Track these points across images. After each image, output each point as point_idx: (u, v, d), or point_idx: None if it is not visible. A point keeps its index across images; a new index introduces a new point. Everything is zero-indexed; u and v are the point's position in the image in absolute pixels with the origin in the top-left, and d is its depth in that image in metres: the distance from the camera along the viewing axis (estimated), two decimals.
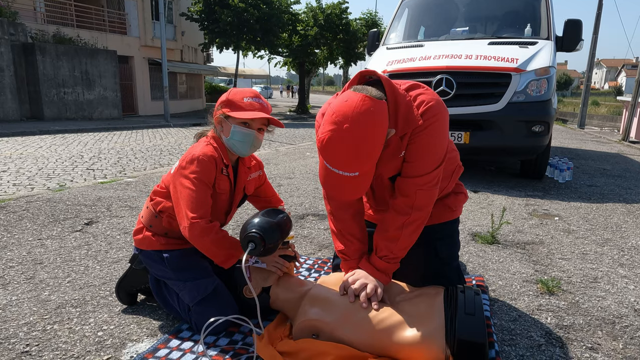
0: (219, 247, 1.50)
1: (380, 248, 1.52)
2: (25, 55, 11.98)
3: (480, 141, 4.11)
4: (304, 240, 2.66)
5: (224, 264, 1.53)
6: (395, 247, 1.50)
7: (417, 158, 1.42)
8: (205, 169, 1.50)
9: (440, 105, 1.41)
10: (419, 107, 1.38)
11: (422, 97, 1.39)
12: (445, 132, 1.45)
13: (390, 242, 1.49)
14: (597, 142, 9.78)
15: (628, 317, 1.78)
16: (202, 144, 1.58)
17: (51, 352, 1.44)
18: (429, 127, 1.38)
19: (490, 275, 2.18)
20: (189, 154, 1.53)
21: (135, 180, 4.31)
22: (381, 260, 1.50)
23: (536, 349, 1.53)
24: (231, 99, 1.57)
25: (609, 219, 3.27)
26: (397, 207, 1.48)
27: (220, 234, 1.51)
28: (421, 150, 1.41)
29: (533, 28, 4.74)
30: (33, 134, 9.10)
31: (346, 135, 1.20)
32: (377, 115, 1.23)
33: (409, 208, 1.46)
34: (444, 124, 1.42)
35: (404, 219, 1.46)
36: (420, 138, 1.39)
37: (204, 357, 1.39)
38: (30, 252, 2.34)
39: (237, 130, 1.56)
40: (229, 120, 1.57)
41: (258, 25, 17.40)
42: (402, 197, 1.47)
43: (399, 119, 1.37)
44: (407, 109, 1.38)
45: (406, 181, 1.45)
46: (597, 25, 13.92)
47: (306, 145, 7.92)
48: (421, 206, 1.46)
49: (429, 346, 1.28)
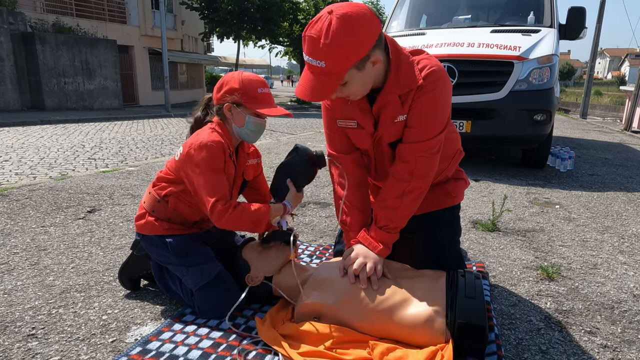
0: (241, 220, 1.48)
1: (380, 218, 1.50)
2: (25, 44, 11.92)
3: (482, 130, 4.10)
4: (305, 228, 2.67)
5: (254, 231, 1.55)
6: (395, 216, 1.48)
7: (420, 123, 1.41)
8: (215, 154, 1.49)
9: (444, 72, 1.40)
10: (422, 70, 1.37)
11: (425, 62, 1.39)
12: (448, 100, 1.44)
13: (390, 210, 1.48)
14: (600, 132, 9.75)
15: (627, 302, 1.80)
16: (207, 131, 1.56)
17: (57, 335, 1.46)
18: (432, 90, 1.37)
19: (491, 261, 2.19)
20: (196, 141, 1.51)
21: (137, 169, 4.33)
22: (381, 230, 1.49)
23: (535, 333, 1.55)
24: (245, 89, 1.54)
25: (610, 207, 3.28)
26: (396, 174, 1.47)
27: (237, 208, 1.48)
28: (424, 114, 1.40)
29: (536, 16, 4.70)
30: (34, 124, 9.10)
31: (326, 19, 1.21)
32: (366, 19, 1.23)
33: (409, 175, 1.44)
34: (447, 90, 1.41)
35: (404, 187, 1.45)
36: (423, 102, 1.39)
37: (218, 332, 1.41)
38: (34, 239, 2.36)
39: (252, 121, 1.56)
40: (241, 110, 1.55)
41: (259, 14, 17.30)
42: (402, 164, 1.45)
43: (400, 76, 1.36)
44: (408, 68, 1.37)
45: (407, 147, 1.44)
46: (601, 14, 13.77)
47: (307, 135, 7.91)
48: (421, 174, 1.45)
49: (429, 328, 1.29)
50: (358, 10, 1.23)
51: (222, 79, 1.60)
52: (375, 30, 1.26)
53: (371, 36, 1.25)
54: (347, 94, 1.37)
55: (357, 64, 1.26)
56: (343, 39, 1.19)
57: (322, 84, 1.28)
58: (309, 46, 1.25)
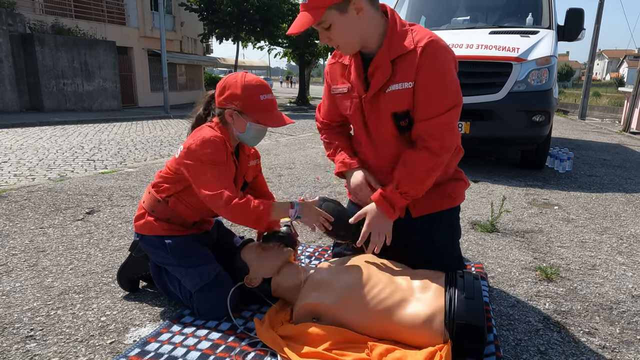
0: (247, 211, 1.45)
1: (403, 185, 1.50)
2: (24, 46, 11.91)
3: (481, 131, 4.11)
4: (304, 229, 2.67)
5: (255, 226, 1.51)
6: (420, 188, 1.52)
7: (432, 94, 1.44)
8: (217, 148, 1.49)
9: (443, 42, 1.45)
10: (420, 40, 1.42)
11: (423, 33, 1.45)
12: (452, 68, 1.46)
13: (417, 182, 1.50)
14: (598, 133, 9.76)
15: (625, 303, 1.80)
16: (208, 129, 1.56)
17: (55, 337, 1.46)
18: (433, 55, 1.41)
19: (490, 262, 2.20)
20: (198, 137, 1.50)
21: (136, 171, 4.32)
22: (401, 197, 1.51)
23: (534, 334, 1.55)
24: (247, 96, 1.51)
25: (609, 208, 3.28)
26: (430, 147, 1.48)
27: (245, 198, 1.47)
28: (432, 84, 1.43)
29: (534, 17, 4.71)
30: (33, 125, 9.08)
31: None
32: None
33: (440, 149, 1.47)
34: (449, 58, 1.45)
35: (435, 161, 1.48)
36: (427, 70, 1.41)
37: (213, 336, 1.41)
38: (32, 240, 2.35)
39: (253, 127, 1.55)
40: (243, 117, 1.53)
41: (258, 15, 17.30)
42: (432, 140, 1.47)
43: (393, 41, 1.44)
44: (402, 34, 1.45)
45: (431, 123, 1.46)
46: (599, 15, 13.80)
47: (306, 136, 7.91)
48: (449, 147, 1.50)
49: (428, 328, 1.30)
50: None
51: (225, 81, 1.57)
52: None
53: None
54: (336, 43, 1.45)
55: (338, 5, 1.35)
56: None
57: (303, 18, 1.38)
58: None
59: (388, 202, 1.51)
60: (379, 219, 1.53)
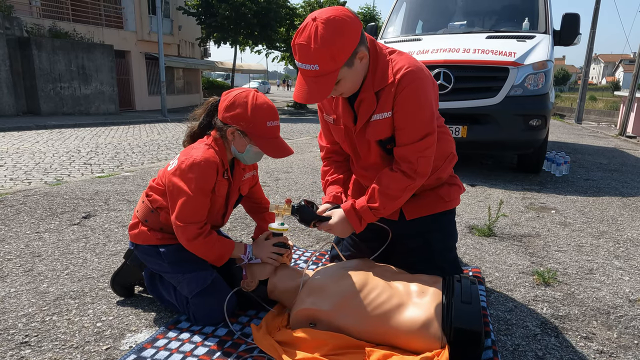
0: (209, 249, 1.53)
1: (375, 200, 1.53)
2: (21, 49, 11.89)
3: (478, 135, 4.12)
4: (301, 233, 2.67)
5: (215, 263, 1.58)
6: (391, 206, 1.55)
7: (406, 123, 1.47)
8: (205, 175, 1.47)
9: (421, 71, 1.46)
10: (398, 72, 1.44)
11: (401, 63, 1.46)
12: (428, 96, 1.47)
13: (390, 199, 1.53)
14: (594, 137, 9.80)
15: (623, 308, 1.80)
16: (202, 148, 1.52)
17: (50, 343, 1.45)
18: (409, 90, 1.43)
19: (487, 267, 2.19)
20: (189, 157, 1.48)
21: (132, 175, 4.31)
22: (370, 211, 1.54)
23: (532, 339, 1.55)
24: (255, 121, 1.48)
25: (605, 212, 3.29)
26: (404, 170, 1.51)
27: (210, 236, 1.52)
28: (407, 114, 1.46)
29: (531, 22, 4.74)
30: (29, 129, 9.06)
31: (313, 26, 1.30)
32: (349, 19, 1.33)
33: (414, 173, 1.50)
34: (424, 86, 1.46)
35: (409, 182, 1.51)
36: (403, 101, 1.44)
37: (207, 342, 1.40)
38: (28, 245, 2.34)
39: (252, 150, 1.56)
40: (245, 139, 1.52)
41: (255, 19, 17.35)
42: (406, 164, 1.51)
43: (377, 74, 1.46)
44: (383, 66, 1.46)
45: (406, 149, 1.50)
46: (595, 20, 13.89)
47: (304, 140, 7.92)
48: (423, 173, 1.52)
49: (425, 333, 1.29)
50: (339, 13, 1.33)
51: (234, 97, 1.51)
52: (358, 27, 1.36)
53: (356, 34, 1.35)
54: (340, 92, 1.47)
55: (347, 62, 1.35)
56: (331, 40, 1.29)
57: (319, 86, 1.36)
58: (300, 53, 1.33)
59: (358, 216, 1.56)
60: (343, 226, 1.58)
